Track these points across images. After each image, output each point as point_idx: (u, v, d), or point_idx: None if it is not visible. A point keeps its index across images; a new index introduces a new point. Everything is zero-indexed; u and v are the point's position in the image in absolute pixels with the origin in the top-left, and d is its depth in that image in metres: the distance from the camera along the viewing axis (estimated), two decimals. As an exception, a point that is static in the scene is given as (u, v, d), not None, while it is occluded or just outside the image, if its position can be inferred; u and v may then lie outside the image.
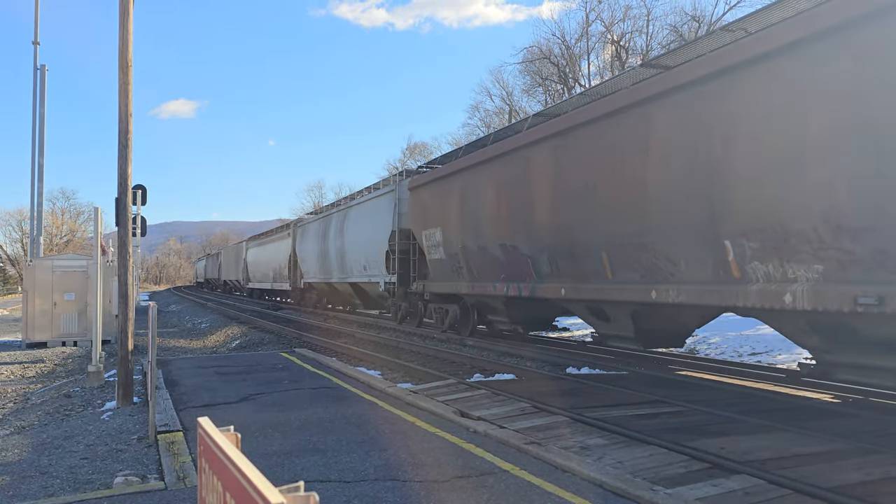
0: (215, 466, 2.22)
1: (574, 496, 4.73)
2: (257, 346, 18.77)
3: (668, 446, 6.09)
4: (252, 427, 6.89)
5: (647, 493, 4.66)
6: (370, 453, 5.89)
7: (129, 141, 9.19)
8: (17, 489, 5.31)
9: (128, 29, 9.22)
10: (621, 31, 38.94)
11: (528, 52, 42.77)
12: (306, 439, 6.45)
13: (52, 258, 21.33)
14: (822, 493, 4.78)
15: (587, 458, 5.72)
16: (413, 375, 11.90)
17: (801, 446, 6.14)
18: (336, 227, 27.68)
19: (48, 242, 64.36)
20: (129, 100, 9.24)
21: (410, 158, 59.70)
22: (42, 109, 23.95)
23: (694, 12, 36.66)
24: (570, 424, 7.11)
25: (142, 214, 12.30)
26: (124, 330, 9.08)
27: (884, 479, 5.20)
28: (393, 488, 4.95)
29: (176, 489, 5.10)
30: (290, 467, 5.53)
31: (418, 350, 15.57)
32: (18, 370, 14.48)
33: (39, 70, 23.95)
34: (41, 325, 18.46)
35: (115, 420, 7.89)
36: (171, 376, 10.76)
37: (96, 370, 11.26)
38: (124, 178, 9.14)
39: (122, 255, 9.21)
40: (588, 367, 11.66)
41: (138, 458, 6.12)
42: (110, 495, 5.01)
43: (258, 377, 10.46)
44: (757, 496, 4.83)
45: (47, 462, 6.10)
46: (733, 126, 8.16)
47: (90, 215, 73.11)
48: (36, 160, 23.94)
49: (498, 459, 5.63)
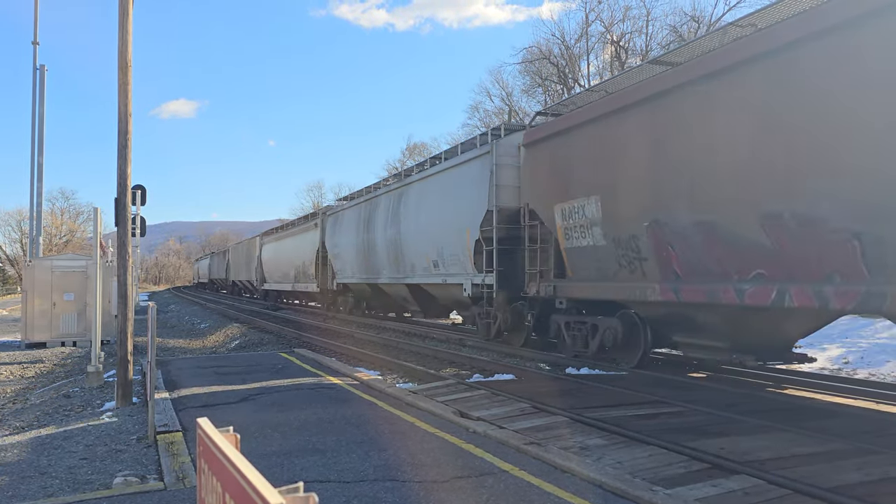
0: (214, 467, 2.22)
1: (573, 496, 4.73)
2: (257, 346, 18.76)
3: (667, 446, 6.09)
4: (251, 427, 6.88)
5: (646, 494, 4.66)
6: (369, 454, 5.89)
7: (129, 141, 9.19)
8: (16, 489, 5.30)
9: (127, 29, 9.22)
10: (621, 32, 38.99)
11: (527, 53, 42.82)
12: (306, 440, 6.45)
13: (52, 258, 21.33)
14: (822, 494, 4.77)
15: (587, 458, 5.72)
16: (413, 376, 11.89)
17: (800, 446, 6.13)
18: (387, 211, 21.73)
19: (47, 242, 64.32)
20: (129, 100, 9.24)
21: (410, 158, 59.71)
22: (41, 109, 23.94)
23: (693, 12, 36.72)
24: (570, 425, 7.11)
25: (141, 214, 12.29)
26: (123, 330, 9.08)
27: (883, 479, 5.20)
28: (392, 489, 4.94)
29: (175, 489, 5.10)
30: (289, 468, 5.53)
31: (418, 350, 15.56)
32: (18, 370, 14.47)
33: (39, 70, 23.94)
34: (40, 325, 18.45)
35: (114, 420, 7.88)
36: (170, 376, 10.75)
37: (95, 370, 11.26)
38: (124, 179, 9.14)
39: (122, 255, 9.21)
40: (587, 368, 11.65)
41: (137, 459, 6.12)
42: (109, 496, 5.01)
43: (258, 377, 10.46)
44: (756, 496, 4.83)
45: (46, 462, 6.09)
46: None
47: (89, 215, 73.11)
48: (35, 160, 23.93)
49: (497, 460, 5.63)
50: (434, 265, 18.15)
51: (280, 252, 38.29)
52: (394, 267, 21.17)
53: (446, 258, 17.35)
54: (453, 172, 17.35)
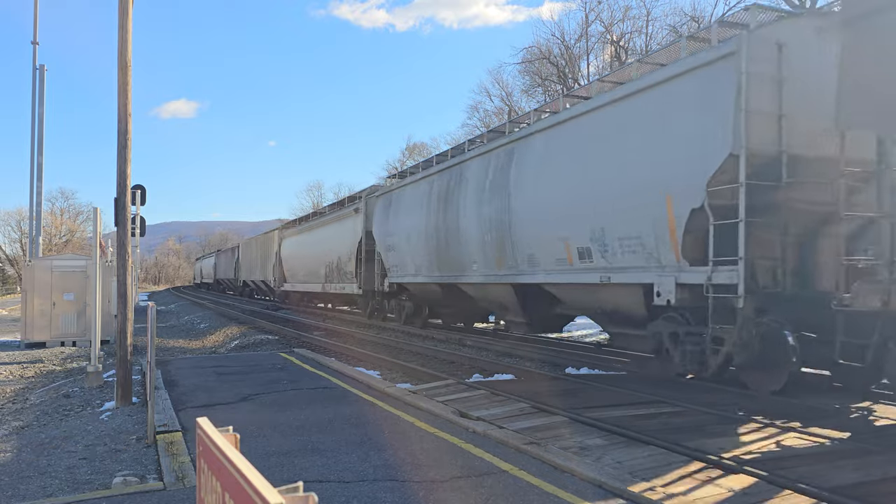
0: (214, 467, 2.22)
1: (573, 496, 4.73)
2: (256, 346, 18.75)
3: (667, 446, 6.09)
4: (251, 427, 6.88)
5: (645, 494, 4.66)
6: (369, 454, 5.89)
7: (129, 141, 9.18)
8: (15, 489, 5.30)
9: (127, 29, 9.22)
10: (621, 32, 38.99)
11: (527, 53, 42.80)
12: (305, 439, 6.44)
13: (52, 258, 21.34)
14: (821, 494, 4.77)
15: (586, 458, 5.71)
16: (412, 376, 11.89)
17: (800, 446, 6.13)
18: (482, 180, 15.48)
19: (47, 242, 64.26)
20: (129, 100, 9.23)
21: (410, 158, 59.71)
22: (41, 109, 23.95)
23: (693, 13, 36.64)
24: (570, 424, 7.10)
25: (141, 214, 12.30)
26: (123, 330, 9.08)
27: (883, 479, 5.20)
28: (392, 488, 4.94)
29: (175, 489, 5.10)
30: (289, 467, 5.53)
31: (417, 350, 15.56)
32: (17, 370, 14.46)
33: (38, 70, 23.95)
34: (40, 325, 18.45)
35: (113, 420, 7.88)
36: (169, 376, 10.75)
37: (95, 370, 11.25)
38: (123, 178, 9.13)
39: (121, 255, 9.21)
40: (587, 368, 11.65)
41: (137, 459, 6.12)
42: (109, 496, 5.00)
43: (257, 377, 10.46)
44: (756, 496, 4.82)
45: (46, 462, 6.09)
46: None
47: (89, 215, 73.12)
48: (35, 160, 23.94)
49: (497, 459, 5.63)
50: (581, 255, 11.97)
51: (306, 246, 32.86)
52: (495, 259, 15.00)
53: (611, 243, 11.14)
54: (643, 99, 10.54)
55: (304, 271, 32.97)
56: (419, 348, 15.74)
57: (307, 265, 32.42)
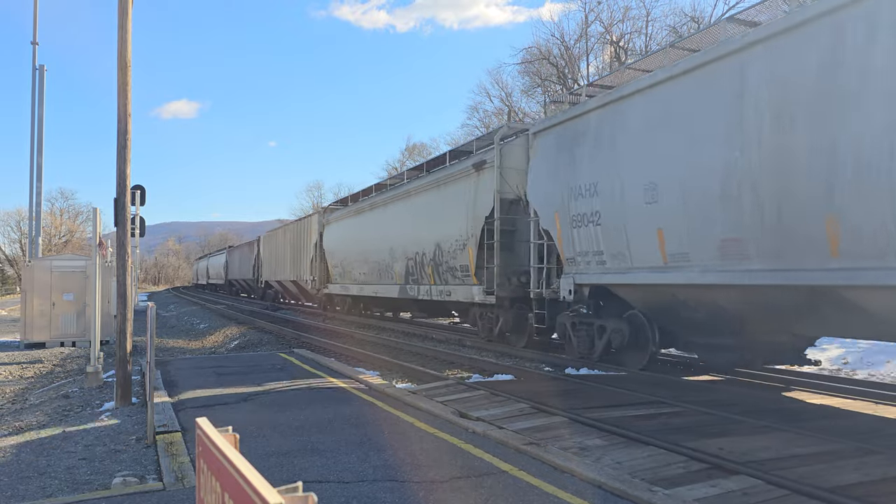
0: (214, 467, 2.22)
1: (573, 497, 4.73)
2: (256, 346, 18.75)
3: (666, 447, 6.08)
4: (250, 427, 6.88)
5: (645, 494, 4.66)
6: (369, 454, 5.89)
7: (128, 141, 9.18)
8: (15, 489, 5.30)
9: (127, 29, 9.21)
10: (620, 32, 39.03)
11: (527, 53, 42.85)
12: (305, 440, 6.44)
13: (51, 258, 21.33)
14: (821, 494, 4.77)
15: (586, 458, 5.71)
16: (412, 376, 11.89)
17: (799, 447, 6.13)
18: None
19: (47, 243, 64.30)
20: (128, 100, 9.23)
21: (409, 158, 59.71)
22: (41, 109, 23.93)
23: (693, 13, 36.66)
24: (569, 425, 7.10)
25: (140, 215, 12.29)
26: (123, 330, 9.07)
27: (883, 479, 5.20)
28: (391, 489, 4.94)
29: (174, 490, 5.10)
30: (288, 468, 5.52)
31: (417, 351, 15.56)
32: (17, 370, 14.46)
33: (38, 70, 23.94)
34: (40, 325, 18.45)
35: (113, 421, 7.88)
36: (169, 377, 10.75)
37: (95, 370, 11.25)
38: (123, 179, 9.13)
39: (121, 255, 9.20)
40: (587, 368, 11.65)
41: (137, 459, 6.11)
42: (109, 496, 5.00)
43: (257, 377, 10.45)
44: (756, 496, 4.82)
45: (45, 463, 6.09)
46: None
47: (89, 215, 73.02)
48: (35, 160, 23.92)
49: (497, 460, 5.63)
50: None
51: (368, 230, 24.08)
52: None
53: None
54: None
55: (365, 268, 24.43)
56: (419, 349, 15.74)
57: (369, 258, 23.92)
